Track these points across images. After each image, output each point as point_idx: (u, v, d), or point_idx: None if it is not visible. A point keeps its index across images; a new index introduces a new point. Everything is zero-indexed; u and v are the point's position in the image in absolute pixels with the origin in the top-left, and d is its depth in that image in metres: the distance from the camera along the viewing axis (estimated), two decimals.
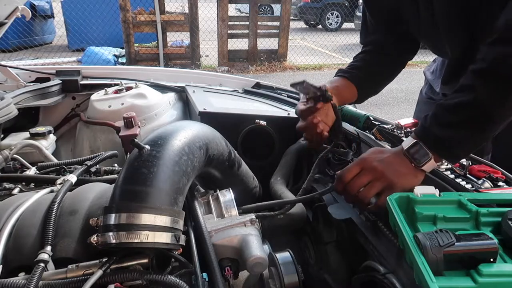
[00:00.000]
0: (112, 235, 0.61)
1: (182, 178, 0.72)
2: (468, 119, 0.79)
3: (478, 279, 0.55)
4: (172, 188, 0.69)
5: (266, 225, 0.95)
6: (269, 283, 0.83)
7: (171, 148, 0.73)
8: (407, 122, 1.09)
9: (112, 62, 6.64)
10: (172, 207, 0.67)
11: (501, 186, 0.81)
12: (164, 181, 0.68)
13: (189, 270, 0.69)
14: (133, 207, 0.63)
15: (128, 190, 0.66)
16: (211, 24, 7.31)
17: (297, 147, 1.35)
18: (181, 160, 0.73)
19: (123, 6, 6.23)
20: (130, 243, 0.61)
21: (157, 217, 0.64)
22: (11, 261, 0.66)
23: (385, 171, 0.83)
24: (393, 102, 5.46)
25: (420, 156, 0.82)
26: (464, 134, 0.80)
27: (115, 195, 0.67)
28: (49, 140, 1.35)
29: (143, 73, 1.88)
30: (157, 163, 0.69)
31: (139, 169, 0.68)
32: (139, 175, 0.67)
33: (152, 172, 0.68)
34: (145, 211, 0.63)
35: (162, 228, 0.64)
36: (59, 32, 8.55)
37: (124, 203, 0.65)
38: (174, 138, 0.76)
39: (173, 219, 0.66)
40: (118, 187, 0.68)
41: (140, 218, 0.62)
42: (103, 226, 0.63)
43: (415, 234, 0.61)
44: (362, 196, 0.84)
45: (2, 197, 0.88)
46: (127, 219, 0.62)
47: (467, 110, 0.78)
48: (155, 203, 0.65)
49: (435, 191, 0.72)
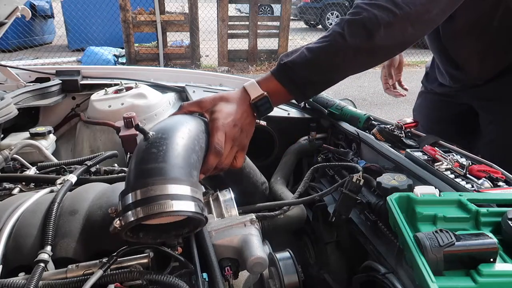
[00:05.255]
0: (131, 213, 0.59)
1: (192, 154, 0.71)
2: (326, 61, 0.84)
3: (478, 279, 0.55)
4: (184, 162, 0.67)
5: (266, 225, 0.95)
6: (269, 283, 0.83)
7: (176, 131, 0.72)
8: (407, 122, 1.09)
9: (112, 62, 6.64)
10: (189, 178, 0.66)
11: (501, 186, 0.81)
12: (175, 157, 0.67)
13: (189, 270, 0.69)
14: (149, 182, 0.61)
15: (141, 170, 0.65)
16: (211, 24, 7.31)
17: (297, 147, 1.35)
18: (188, 141, 0.72)
19: (123, 6, 6.23)
20: (150, 215, 0.58)
21: (176, 187, 0.61)
22: (11, 261, 0.66)
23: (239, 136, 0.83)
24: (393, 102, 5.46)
25: (264, 110, 0.85)
26: None
27: (129, 179, 0.65)
28: (49, 140, 1.35)
29: (143, 73, 1.88)
30: (165, 142, 0.68)
31: (148, 150, 0.67)
32: (150, 155, 0.66)
33: (162, 151, 0.66)
34: (162, 182, 0.61)
35: (184, 197, 0.61)
36: (59, 32, 8.55)
37: (139, 181, 0.63)
38: (179, 124, 0.75)
39: (193, 189, 0.64)
40: (131, 171, 0.66)
41: (158, 189, 0.60)
42: (122, 209, 0.61)
43: (415, 234, 0.61)
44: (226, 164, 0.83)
45: (2, 197, 0.88)
46: (144, 194, 0.60)
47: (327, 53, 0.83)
48: (170, 175, 0.63)
49: (435, 191, 0.72)
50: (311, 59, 0.84)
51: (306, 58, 0.84)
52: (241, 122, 0.83)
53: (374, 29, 0.81)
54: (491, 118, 1.31)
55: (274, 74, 0.87)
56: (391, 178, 0.85)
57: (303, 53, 0.85)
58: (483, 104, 1.33)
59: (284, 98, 0.89)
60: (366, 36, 0.81)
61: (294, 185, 1.31)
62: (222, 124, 0.79)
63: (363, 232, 0.91)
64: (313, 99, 1.40)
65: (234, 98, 0.85)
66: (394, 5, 0.81)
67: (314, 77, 0.86)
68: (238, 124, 0.82)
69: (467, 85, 1.33)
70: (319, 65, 0.85)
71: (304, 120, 1.40)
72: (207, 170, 0.77)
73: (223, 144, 0.79)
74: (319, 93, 0.89)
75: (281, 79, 0.86)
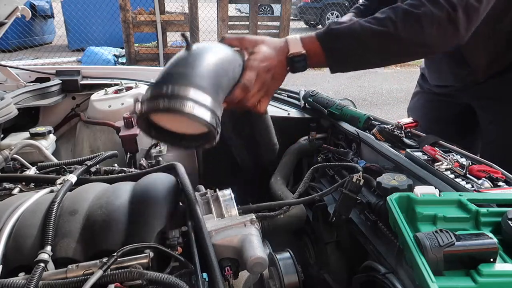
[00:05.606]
0: (153, 102, 0.63)
1: (224, 77, 0.74)
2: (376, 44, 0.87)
3: (478, 279, 0.55)
4: (214, 78, 0.70)
5: (266, 225, 0.95)
6: (269, 283, 0.83)
7: (217, 53, 0.76)
8: (407, 122, 1.09)
9: (112, 62, 6.64)
10: (213, 93, 0.69)
11: (501, 186, 0.82)
12: (207, 70, 0.70)
13: (189, 270, 0.69)
14: (177, 82, 0.65)
15: (172, 71, 0.69)
16: (211, 24, 7.30)
17: (297, 147, 1.35)
18: (224, 64, 0.76)
19: (123, 6, 6.23)
20: (169, 109, 0.63)
21: (199, 93, 0.65)
22: (11, 261, 0.66)
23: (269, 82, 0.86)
24: (393, 102, 5.46)
25: (299, 67, 0.88)
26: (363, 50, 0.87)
27: (159, 76, 0.69)
28: (49, 140, 1.35)
29: (143, 73, 1.87)
30: (203, 56, 0.72)
31: (185, 57, 0.72)
32: (185, 61, 0.70)
33: (198, 61, 0.70)
34: (188, 85, 0.65)
35: (204, 106, 0.65)
36: (59, 32, 8.54)
37: (167, 79, 0.67)
38: (221, 49, 0.80)
39: (214, 103, 0.67)
40: (163, 71, 0.70)
41: (182, 90, 0.64)
42: (146, 98, 0.65)
43: (415, 234, 0.61)
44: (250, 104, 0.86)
45: (2, 197, 0.88)
46: (169, 90, 0.64)
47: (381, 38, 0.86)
48: (198, 82, 0.67)
49: (435, 191, 0.72)
50: (358, 36, 0.86)
51: (354, 33, 0.86)
52: (275, 70, 0.86)
53: (427, 26, 0.83)
54: (491, 118, 1.31)
55: (319, 37, 0.89)
56: (391, 178, 0.85)
57: (353, 27, 0.87)
58: (483, 104, 1.33)
59: (319, 63, 0.91)
60: (418, 31, 0.84)
61: (294, 185, 1.31)
62: (257, 65, 0.83)
63: (363, 232, 0.91)
64: (313, 99, 1.40)
65: (275, 46, 0.88)
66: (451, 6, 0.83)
67: (355, 54, 0.89)
68: (271, 70, 0.85)
69: (469, 85, 1.32)
70: (365, 44, 0.87)
71: (304, 120, 1.40)
72: (231, 101, 0.81)
73: (253, 82, 0.82)
74: (350, 71, 0.93)
75: (324, 44, 0.88)
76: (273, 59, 0.86)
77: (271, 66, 0.85)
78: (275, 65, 0.86)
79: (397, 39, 0.85)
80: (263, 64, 0.84)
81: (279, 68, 0.87)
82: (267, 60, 0.85)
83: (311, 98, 1.41)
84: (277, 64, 0.86)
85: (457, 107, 1.43)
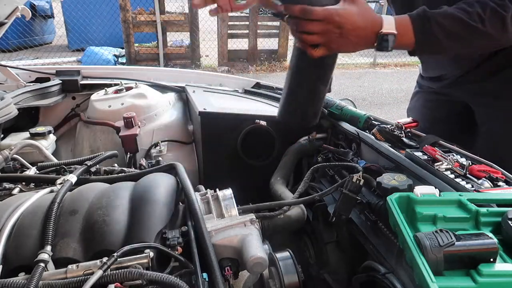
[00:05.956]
0: None
1: None
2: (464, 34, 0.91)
3: (478, 279, 0.55)
4: None
5: (266, 225, 0.95)
6: (269, 283, 0.83)
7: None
8: (407, 122, 1.09)
9: (112, 62, 6.64)
10: None
11: (501, 186, 0.81)
12: None
13: (189, 270, 0.69)
14: None
15: None
16: (211, 24, 7.30)
17: (297, 147, 1.35)
18: None
19: (123, 6, 6.23)
20: None
21: None
22: (11, 261, 0.66)
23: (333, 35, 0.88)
24: (393, 102, 5.46)
25: (384, 46, 0.89)
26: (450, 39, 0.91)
27: None
28: (49, 140, 1.35)
29: (143, 73, 1.88)
30: None
31: None
32: None
33: None
34: None
35: None
36: (59, 32, 8.54)
37: None
38: None
39: None
40: None
41: None
42: None
43: (415, 234, 0.61)
44: (305, 38, 0.89)
45: (2, 197, 0.88)
46: None
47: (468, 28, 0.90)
48: None
49: (435, 191, 0.72)
50: (451, 25, 0.90)
51: (447, 20, 0.90)
52: (347, 31, 0.87)
53: (510, 28, 0.90)
54: (488, 116, 1.31)
55: (413, 20, 0.91)
56: (391, 178, 0.85)
57: (447, 14, 0.90)
58: (481, 101, 1.33)
59: (403, 44, 0.93)
60: (500, 31, 0.90)
61: (294, 185, 1.31)
62: (332, 13, 0.86)
63: (363, 232, 0.91)
64: None
65: (369, 18, 0.90)
66: None
67: (443, 39, 0.91)
68: (342, 28, 0.87)
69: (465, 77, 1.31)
70: (454, 33, 0.91)
71: None
72: (288, 8, 0.88)
73: (314, 16, 0.85)
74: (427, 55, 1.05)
75: (417, 27, 0.90)
76: (352, 23, 0.87)
77: (343, 25, 0.86)
78: (349, 28, 0.87)
79: (483, 35, 0.90)
80: (338, 18, 0.86)
81: (353, 34, 0.88)
82: (345, 19, 0.86)
83: None
84: (362, 32, 0.88)
85: (456, 107, 1.43)
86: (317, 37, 0.89)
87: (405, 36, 0.91)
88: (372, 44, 0.91)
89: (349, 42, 0.90)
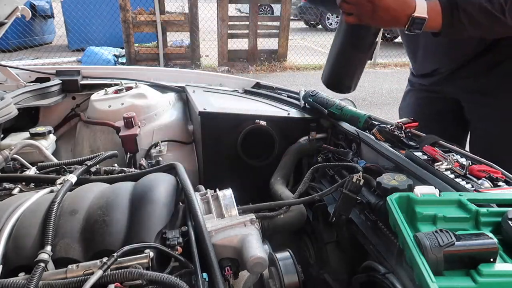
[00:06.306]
0: None
1: None
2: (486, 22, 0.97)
3: (478, 279, 0.55)
4: None
5: (266, 225, 0.95)
6: (269, 283, 0.83)
7: None
8: (407, 122, 1.09)
9: (112, 62, 6.64)
10: None
11: (501, 186, 0.82)
12: None
13: (189, 270, 0.69)
14: None
15: None
16: (211, 24, 7.30)
17: (297, 147, 1.35)
18: None
19: (123, 6, 6.23)
20: None
21: None
22: (11, 261, 0.66)
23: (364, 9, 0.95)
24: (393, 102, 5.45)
25: (414, 28, 0.95)
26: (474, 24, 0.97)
27: None
28: (49, 140, 1.35)
29: (143, 73, 1.88)
30: None
31: None
32: None
33: None
34: None
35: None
36: (59, 32, 8.54)
37: None
38: None
39: None
40: None
41: None
42: None
43: (415, 234, 0.61)
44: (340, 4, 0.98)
45: (2, 197, 0.88)
46: None
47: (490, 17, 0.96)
48: None
49: (435, 191, 0.72)
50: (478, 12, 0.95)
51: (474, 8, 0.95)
52: (386, 12, 0.94)
53: None
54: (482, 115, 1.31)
55: (443, 6, 0.96)
56: (391, 178, 0.85)
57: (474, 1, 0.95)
58: (470, 98, 1.32)
59: (432, 27, 0.98)
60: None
61: (294, 185, 1.31)
62: None
63: (363, 232, 0.91)
64: (313, 99, 1.40)
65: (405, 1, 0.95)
66: None
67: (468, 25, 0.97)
68: (375, 4, 0.94)
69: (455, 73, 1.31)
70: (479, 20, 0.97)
71: (304, 120, 1.40)
72: None
73: None
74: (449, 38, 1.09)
75: (446, 11, 0.96)
76: (385, 3, 0.93)
77: (375, 2, 0.93)
78: (381, 6, 0.94)
79: (504, 24, 0.96)
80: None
81: (385, 13, 0.94)
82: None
83: (311, 98, 1.41)
84: (385, 9, 0.94)
85: (447, 103, 1.42)
86: (350, 7, 0.98)
87: (435, 21, 0.96)
88: (403, 26, 0.96)
89: (380, 19, 0.96)
